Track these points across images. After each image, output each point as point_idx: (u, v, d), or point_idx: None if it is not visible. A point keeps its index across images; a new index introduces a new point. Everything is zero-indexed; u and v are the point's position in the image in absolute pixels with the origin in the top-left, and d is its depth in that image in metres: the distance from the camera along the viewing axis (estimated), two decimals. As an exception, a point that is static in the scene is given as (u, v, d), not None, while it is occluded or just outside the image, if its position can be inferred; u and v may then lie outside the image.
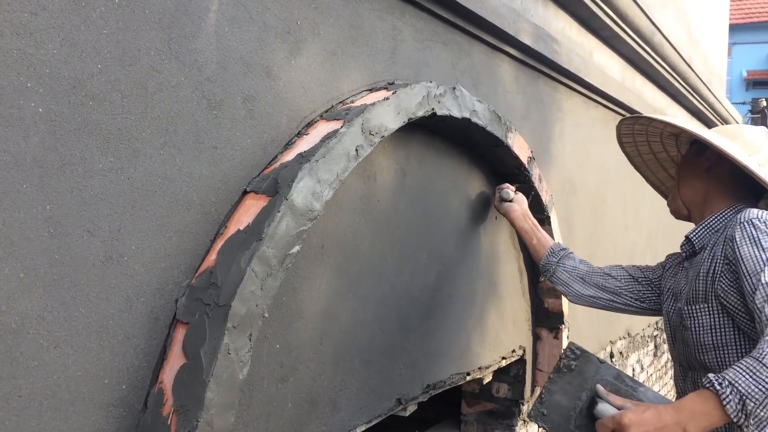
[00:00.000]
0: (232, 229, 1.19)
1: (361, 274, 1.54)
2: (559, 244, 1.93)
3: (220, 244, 1.18)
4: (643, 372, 4.24)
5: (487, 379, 2.29)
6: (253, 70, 1.26)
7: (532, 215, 2.02)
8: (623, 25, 3.14)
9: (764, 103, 17.41)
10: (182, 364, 1.08)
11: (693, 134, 1.53)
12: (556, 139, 2.69)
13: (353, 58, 1.53)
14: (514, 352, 2.33)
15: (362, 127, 1.36)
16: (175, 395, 1.06)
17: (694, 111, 5.02)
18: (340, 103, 1.48)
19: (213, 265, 1.15)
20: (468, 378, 2.04)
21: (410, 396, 1.74)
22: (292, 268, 1.32)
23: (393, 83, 1.63)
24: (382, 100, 1.43)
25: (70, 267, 0.97)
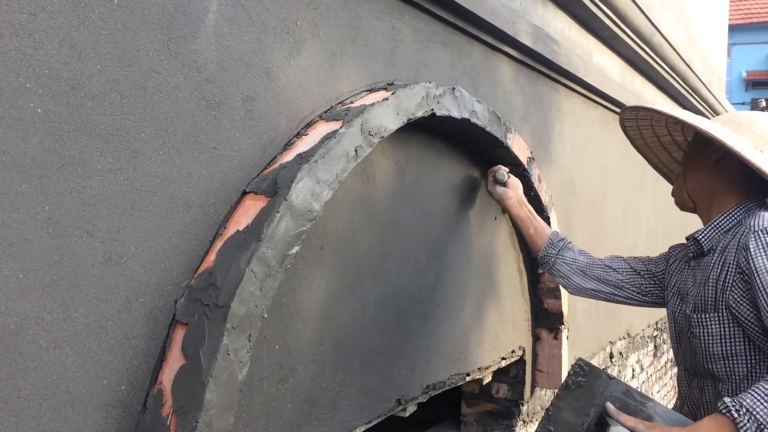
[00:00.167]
0: (232, 229, 1.19)
1: (361, 274, 1.54)
2: (557, 233, 1.87)
3: (219, 244, 1.18)
4: (643, 372, 4.24)
5: (487, 380, 2.29)
6: (252, 71, 1.26)
7: (527, 202, 1.94)
8: (623, 26, 3.14)
9: (764, 103, 17.41)
10: (181, 365, 1.08)
11: (698, 129, 1.44)
12: (556, 139, 2.69)
13: (352, 58, 1.53)
14: (513, 352, 2.33)
15: (361, 128, 1.36)
16: (175, 396, 1.06)
17: (693, 111, 5.03)
18: (340, 103, 1.48)
19: (212, 265, 1.15)
20: (468, 378, 2.04)
21: (410, 396, 1.74)
22: (292, 268, 1.32)
23: (392, 84, 1.63)
24: (382, 101, 1.43)
25: (69, 268, 0.97)
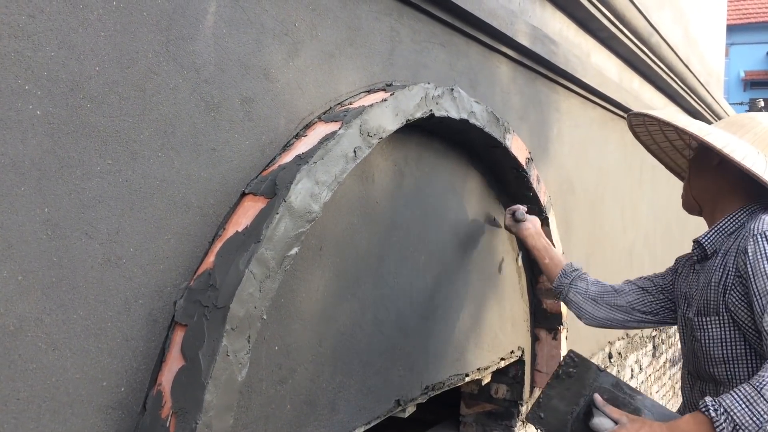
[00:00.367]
0: (231, 230, 1.19)
1: (360, 275, 1.54)
2: (571, 264, 1.89)
3: (218, 246, 1.18)
4: (642, 372, 4.24)
5: (486, 380, 2.29)
6: (251, 72, 1.26)
7: (544, 235, 1.99)
8: (621, 26, 3.14)
9: (762, 103, 17.42)
10: (181, 366, 1.08)
11: (690, 133, 1.43)
12: (554, 139, 2.69)
13: (351, 59, 1.53)
14: (512, 353, 2.33)
15: (360, 129, 1.36)
16: (174, 397, 1.06)
17: (691, 111, 5.03)
18: (338, 104, 1.49)
19: (211, 267, 1.15)
20: (467, 379, 2.04)
21: (409, 397, 1.74)
22: (291, 269, 1.32)
23: (391, 85, 1.63)
24: (380, 102, 1.43)
25: (69, 269, 0.97)
